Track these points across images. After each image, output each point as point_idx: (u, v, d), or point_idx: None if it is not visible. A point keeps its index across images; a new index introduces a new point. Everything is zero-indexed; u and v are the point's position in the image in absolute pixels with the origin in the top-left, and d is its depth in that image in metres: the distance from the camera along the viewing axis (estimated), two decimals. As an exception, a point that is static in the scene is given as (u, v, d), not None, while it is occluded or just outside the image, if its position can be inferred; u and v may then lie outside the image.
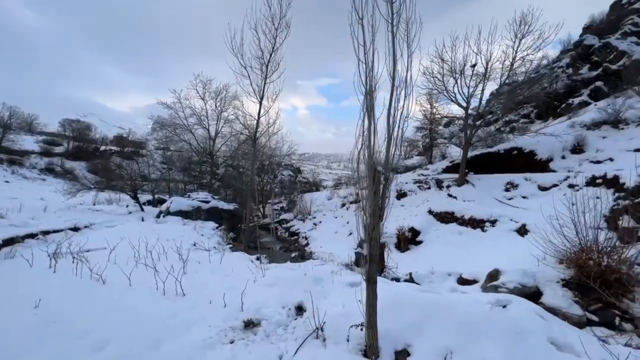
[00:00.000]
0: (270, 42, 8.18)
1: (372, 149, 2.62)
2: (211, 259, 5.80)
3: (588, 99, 15.35)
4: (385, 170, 2.68)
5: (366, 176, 2.72)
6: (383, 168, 2.70)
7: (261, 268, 4.58)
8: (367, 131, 2.64)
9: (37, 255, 5.20)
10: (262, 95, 8.08)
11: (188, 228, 10.57)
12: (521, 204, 10.03)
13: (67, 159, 39.09)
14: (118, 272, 4.31)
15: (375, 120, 2.61)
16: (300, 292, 3.53)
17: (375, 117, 2.62)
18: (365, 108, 2.62)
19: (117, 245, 5.80)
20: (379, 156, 2.70)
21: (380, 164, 2.81)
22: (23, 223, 7.08)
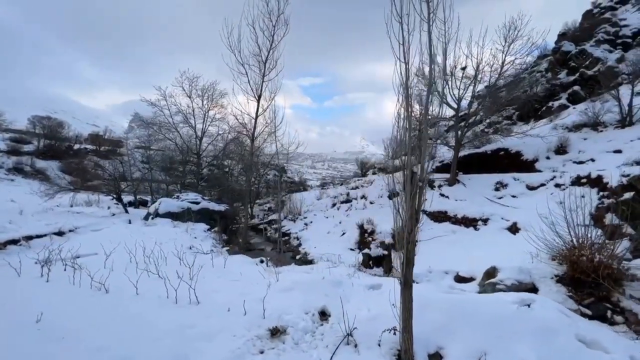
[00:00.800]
0: (268, 39, 8.01)
1: (410, 151, 2.57)
2: (214, 263, 5.58)
3: (567, 102, 16.13)
4: (420, 172, 2.64)
5: (403, 180, 2.66)
6: (418, 170, 2.65)
7: (274, 272, 4.43)
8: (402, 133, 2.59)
9: (23, 262, 4.80)
10: (259, 93, 7.88)
11: (179, 230, 10.18)
12: (511, 202, 10.38)
13: (37, 158, 36.83)
14: (120, 280, 4.05)
15: (411, 123, 2.56)
16: (321, 297, 3.44)
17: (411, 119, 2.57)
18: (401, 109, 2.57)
19: (112, 250, 5.46)
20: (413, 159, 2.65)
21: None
22: (0, 227, 6.54)
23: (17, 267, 4.45)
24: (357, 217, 15.23)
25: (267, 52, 7.98)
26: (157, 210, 11.46)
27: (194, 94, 18.58)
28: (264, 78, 7.90)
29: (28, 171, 34.42)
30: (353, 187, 19.89)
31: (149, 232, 9.31)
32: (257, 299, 3.59)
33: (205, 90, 18.72)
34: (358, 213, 15.68)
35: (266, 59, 8.00)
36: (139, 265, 5.20)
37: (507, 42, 10.58)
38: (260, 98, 7.87)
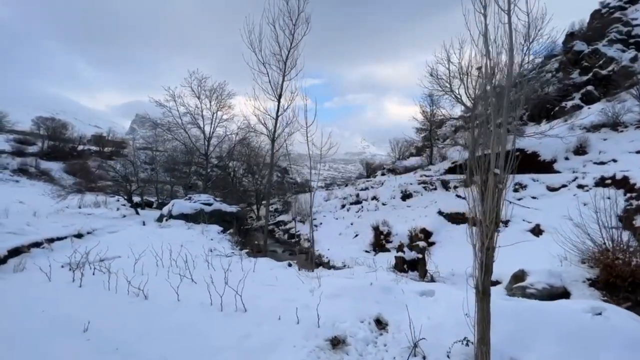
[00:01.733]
0: (289, 38, 7.87)
1: (493, 151, 2.42)
2: (243, 267, 5.42)
3: (580, 102, 15.96)
4: (501, 173, 2.48)
5: (480, 181, 2.50)
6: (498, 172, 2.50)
7: (313, 277, 4.27)
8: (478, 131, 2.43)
9: (49, 266, 4.65)
10: (280, 93, 7.72)
11: (195, 232, 10.02)
12: (532, 204, 10.20)
13: (41, 159, 36.80)
14: (154, 285, 3.89)
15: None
16: (372, 304, 3.28)
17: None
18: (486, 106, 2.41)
19: (141, 253, 5.31)
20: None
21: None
22: (20, 230, 6.39)
23: (45, 271, 4.30)
24: (369, 219, 15.06)
25: (288, 51, 7.84)
26: (171, 211, 11.31)
27: (203, 94, 18.45)
28: (284, 77, 7.76)
29: (33, 172, 34.42)
30: (362, 188, 19.71)
31: (165, 234, 9.16)
32: (304, 305, 3.43)
33: (214, 91, 18.60)
34: (370, 214, 15.51)
35: (286, 58, 7.87)
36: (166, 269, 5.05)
37: (527, 41, 10.41)
38: (281, 98, 7.72)
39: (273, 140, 7.82)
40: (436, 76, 12.83)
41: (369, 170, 33.33)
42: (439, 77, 12.76)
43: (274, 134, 7.78)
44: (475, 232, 2.52)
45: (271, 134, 7.77)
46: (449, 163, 15.74)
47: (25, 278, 4.28)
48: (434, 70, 12.86)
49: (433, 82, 13.40)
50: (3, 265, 4.61)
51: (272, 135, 7.78)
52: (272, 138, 7.82)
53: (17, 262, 4.71)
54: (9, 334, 2.65)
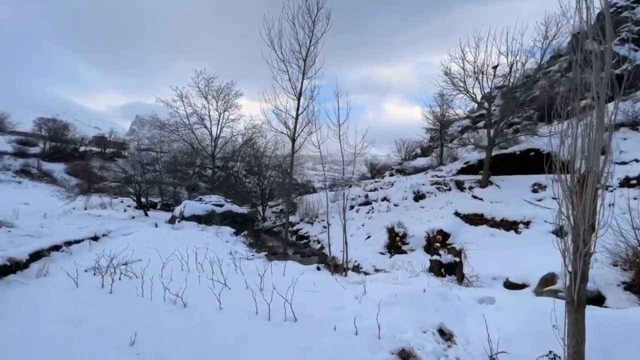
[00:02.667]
0: (308, 36, 7.67)
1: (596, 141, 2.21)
2: (273, 271, 5.20)
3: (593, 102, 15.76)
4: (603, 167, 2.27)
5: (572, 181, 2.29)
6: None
7: (356, 282, 4.05)
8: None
9: (72, 271, 4.44)
10: (300, 92, 7.52)
11: (209, 234, 9.80)
12: (553, 205, 9.97)
13: (43, 161, 36.63)
14: (191, 291, 3.66)
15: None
16: (431, 312, 3.06)
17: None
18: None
19: (168, 257, 5.09)
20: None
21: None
22: (35, 232, 6.16)
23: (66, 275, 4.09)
24: (381, 220, 14.83)
25: (307, 49, 7.64)
26: (183, 213, 11.09)
27: (210, 95, 18.24)
28: (304, 76, 7.56)
29: (35, 173, 34.25)
30: (371, 189, 19.50)
31: (180, 236, 8.94)
32: (355, 313, 3.21)
33: (221, 91, 18.39)
34: (381, 216, 15.29)
35: (306, 56, 7.66)
36: (193, 273, 4.83)
37: (546, 39, 10.26)
38: (301, 96, 7.51)
39: (293, 140, 7.60)
40: (450, 75, 12.65)
41: (373, 171, 33.10)
42: (453, 76, 12.58)
43: (294, 134, 7.56)
44: (564, 236, 2.31)
45: (291, 134, 7.56)
46: (461, 163, 15.53)
47: (51, 284, 4.06)
48: (447, 69, 12.68)
49: (447, 81, 13.22)
50: (26, 270, 4.38)
51: (292, 134, 7.56)
52: (292, 138, 7.60)
53: (39, 266, 4.49)
54: (56, 347, 2.43)
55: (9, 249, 4.56)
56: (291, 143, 7.62)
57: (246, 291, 4.09)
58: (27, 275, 4.28)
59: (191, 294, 3.63)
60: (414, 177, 17.98)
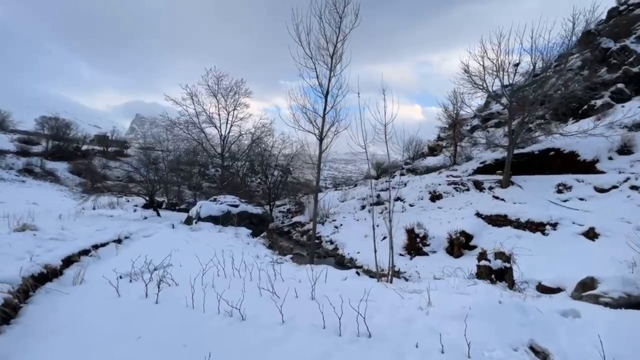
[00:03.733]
0: (335, 32, 7.42)
1: None
2: (312, 277, 4.97)
3: (610, 101, 15.55)
4: None
5: None
6: None
7: (421, 292, 3.81)
8: None
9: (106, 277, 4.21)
10: (327, 90, 7.28)
11: (228, 236, 9.57)
12: (580, 206, 9.78)
13: (46, 159, 36.41)
14: (244, 302, 3.43)
15: None
16: (516, 327, 2.83)
17: None
18: None
19: (207, 264, 4.86)
20: None
21: None
22: (59, 235, 5.91)
23: (107, 284, 3.85)
24: (396, 221, 14.61)
25: (335, 46, 7.39)
26: (199, 214, 10.85)
27: (219, 93, 17.97)
28: (331, 73, 7.32)
29: (38, 172, 34.06)
30: (383, 188, 19.29)
31: (201, 238, 8.71)
32: (428, 328, 2.98)
33: (230, 89, 18.13)
34: (396, 216, 14.97)
35: (333, 53, 7.41)
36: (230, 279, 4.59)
37: (573, 35, 10.01)
38: (328, 94, 7.28)
39: (321, 139, 7.35)
40: (470, 73, 12.41)
41: (379, 170, 32.84)
42: (472, 74, 12.34)
43: (322, 132, 7.30)
44: None
45: (319, 133, 7.31)
46: (476, 163, 15.31)
47: (90, 292, 3.81)
48: (466, 67, 12.44)
49: (465, 78, 12.98)
50: (61, 277, 4.14)
51: (320, 133, 7.31)
52: (320, 137, 7.35)
53: (74, 273, 4.25)
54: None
55: (41, 255, 4.32)
56: (319, 142, 7.40)
57: (299, 301, 3.86)
58: (63, 282, 4.04)
59: (243, 304, 3.40)
60: (427, 176, 17.75)
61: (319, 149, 7.42)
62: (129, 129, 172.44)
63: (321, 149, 7.38)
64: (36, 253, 4.48)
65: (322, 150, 7.38)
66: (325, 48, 7.34)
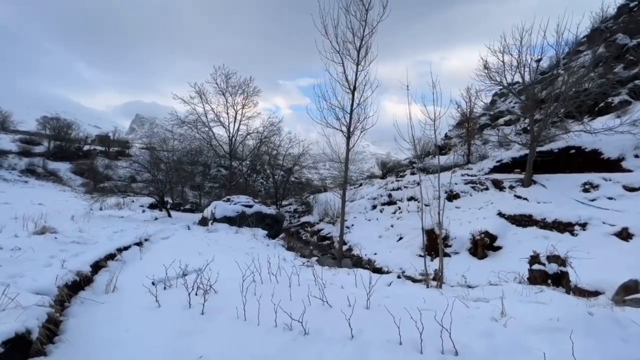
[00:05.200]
0: (361, 24, 7.11)
1: None
2: (356, 282, 4.66)
3: (628, 98, 15.25)
4: None
5: None
6: None
7: (488, 300, 3.50)
8: None
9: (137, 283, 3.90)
10: (354, 85, 6.95)
11: (247, 237, 9.25)
12: (609, 205, 9.47)
13: (48, 160, 36.14)
14: (297, 313, 3.11)
15: None
16: (619, 343, 2.52)
17: None
18: None
19: (247, 270, 4.54)
20: None
21: None
22: (80, 238, 5.58)
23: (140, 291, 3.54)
24: (411, 221, 14.26)
25: (361, 39, 7.07)
26: (214, 214, 10.53)
27: (227, 92, 17.64)
28: (358, 67, 6.99)
29: (40, 172, 33.79)
30: (394, 187, 18.96)
31: (220, 239, 8.40)
32: (514, 343, 2.67)
33: (239, 87, 17.80)
34: (412, 216, 14.71)
35: (359, 47, 7.09)
36: (270, 286, 4.27)
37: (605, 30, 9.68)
38: (355, 90, 6.94)
39: (349, 137, 7.02)
40: (489, 69, 12.11)
41: (384, 170, 32.50)
42: (492, 70, 12.04)
43: (349, 129, 6.98)
44: None
45: (346, 130, 6.99)
46: (493, 162, 15.00)
47: (126, 302, 3.50)
48: (486, 63, 12.14)
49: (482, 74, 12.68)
50: (92, 285, 3.82)
51: (347, 131, 6.98)
52: (347, 135, 7.02)
53: (104, 279, 3.93)
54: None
55: (68, 260, 4.01)
56: (346, 140, 7.07)
57: (354, 310, 3.54)
58: (95, 291, 3.73)
59: (295, 314, 3.09)
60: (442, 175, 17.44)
61: (347, 146, 7.10)
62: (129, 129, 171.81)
63: (348, 146, 7.05)
64: (61, 258, 4.16)
65: (350, 148, 7.06)
66: (351, 41, 7.05)
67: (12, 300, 2.18)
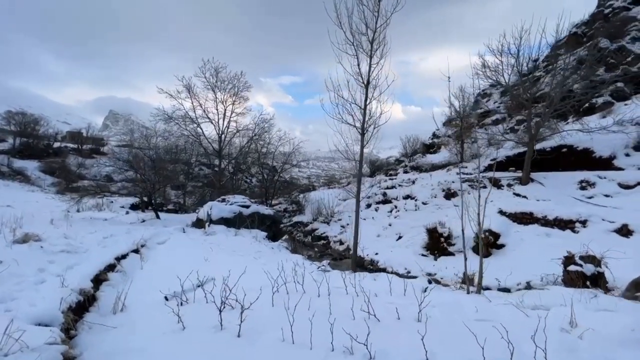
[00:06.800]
0: (374, 15, 6.75)
1: None
2: (389, 290, 4.31)
3: (611, 99, 15.92)
4: None
5: None
6: None
7: (556, 310, 3.23)
8: None
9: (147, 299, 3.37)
10: (368, 79, 6.59)
11: (248, 240, 8.72)
12: (606, 202, 9.70)
13: (14, 158, 33.49)
14: (348, 330, 2.72)
15: None
16: None
17: None
18: None
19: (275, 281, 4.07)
20: None
21: None
22: (68, 246, 4.88)
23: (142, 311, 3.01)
24: (410, 219, 14.16)
25: (374, 31, 6.71)
26: (210, 216, 9.86)
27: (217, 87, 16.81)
28: (371, 61, 6.62)
29: (5, 172, 31.22)
30: (388, 186, 18.85)
31: (222, 243, 7.81)
32: None
33: (229, 81, 17.00)
34: (409, 215, 14.62)
35: (372, 39, 6.73)
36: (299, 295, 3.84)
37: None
38: (369, 84, 6.57)
39: (363, 133, 6.64)
40: (488, 68, 12.16)
41: (372, 168, 32.49)
42: (491, 68, 12.09)
43: (364, 126, 6.58)
44: None
45: (360, 126, 6.60)
46: (487, 160, 15.17)
47: (141, 324, 2.94)
48: (484, 62, 12.19)
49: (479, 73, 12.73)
50: (95, 304, 3.23)
51: (361, 127, 6.59)
52: (362, 131, 6.63)
53: (109, 296, 3.35)
54: None
55: (63, 275, 3.38)
56: (360, 137, 6.68)
57: (405, 324, 3.18)
58: (101, 311, 3.14)
59: (343, 332, 2.68)
60: (435, 174, 17.50)
61: (361, 143, 6.72)
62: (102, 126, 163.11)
63: (363, 144, 6.68)
64: (53, 271, 3.53)
65: (364, 145, 6.69)
66: (364, 33, 6.67)
67: (17, 341, 1.63)
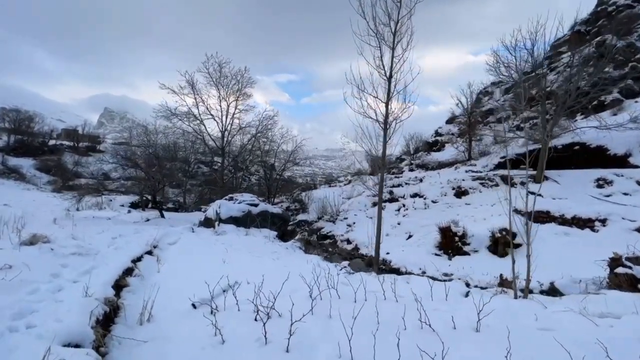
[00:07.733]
0: (396, 5, 6.45)
1: None
2: (427, 294, 4.02)
3: (619, 96, 15.77)
4: None
5: None
6: None
7: (627, 319, 2.96)
8: None
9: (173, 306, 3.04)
10: (390, 72, 6.28)
11: (260, 240, 8.39)
12: (624, 201, 9.51)
13: (8, 155, 32.89)
14: (412, 345, 2.43)
15: None
16: None
17: None
18: None
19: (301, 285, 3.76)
20: None
21: None
22: (79, 248, 4.54)
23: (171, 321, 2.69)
24: (419, 218, 13.88)
25: (397, 22, 6.40)
26: (219, 215, 9.51)
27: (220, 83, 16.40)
28: (394, 52, 6.32)
29: (0, 169, 30.60)
30: (394, 184, 18.59)
31: (235, 243, 7.48)
32: None
33: (232, 77, 16.60)
34: (419, 213, 14.34)
35: (395, 30, 6.42)
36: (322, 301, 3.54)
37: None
38: (392, 78, 6.26)
39: (385, 128, 6.31)
40: (502, 63, 11.91)
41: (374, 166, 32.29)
42: (505, 64, 11.85)
43: (386, 120, 6.26)
44: None
45: (382, 121, 6.28)
46: (497, 158, 14.96)
47: (172, 336, 2.61)
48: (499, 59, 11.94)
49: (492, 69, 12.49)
50: (120, 313, 2.89)
51: (384, 121, 6.27)
52: (384, 127, 6.30)
53: (132, 304, 3.02)
54: None
55: (79, 279, 3.05)
56: (383, 132, 6.36)
57: (464, 334, 2.89)
58: (127, 321, 2.81)
59: (396, 344, 2.39)
60: (443, 172, 17.26)
61: (384, 138, 6.41)
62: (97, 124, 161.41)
63: (385, 139, 6.38)
64: (67, 277, 3.20)
65: (387, 140, 6.40)
66: (386, 24, 6.36)
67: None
